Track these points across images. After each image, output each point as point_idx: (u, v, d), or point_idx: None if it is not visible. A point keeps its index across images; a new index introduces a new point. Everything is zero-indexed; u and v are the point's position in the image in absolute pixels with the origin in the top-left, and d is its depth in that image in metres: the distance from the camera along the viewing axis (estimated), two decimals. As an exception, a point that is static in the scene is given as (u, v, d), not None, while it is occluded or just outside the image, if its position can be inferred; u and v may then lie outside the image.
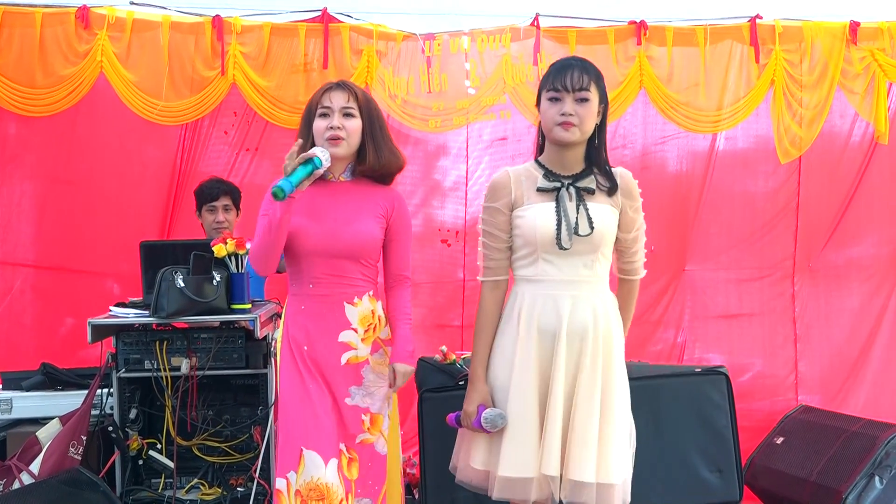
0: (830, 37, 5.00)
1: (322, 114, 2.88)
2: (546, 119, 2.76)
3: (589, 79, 2.74)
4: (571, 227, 2.72)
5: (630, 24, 4.95)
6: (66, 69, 4.65)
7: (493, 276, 2.84)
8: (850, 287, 5.22)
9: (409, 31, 4.86)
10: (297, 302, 2.94)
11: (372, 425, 2.92)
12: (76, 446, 3.53)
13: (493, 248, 2.83)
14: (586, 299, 2.75)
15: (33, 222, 4.83)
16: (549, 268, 2.75)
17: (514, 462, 2.69)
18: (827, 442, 4.04)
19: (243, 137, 4.88)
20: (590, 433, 2.67)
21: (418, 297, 5.01)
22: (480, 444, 2.79)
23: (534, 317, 2.74)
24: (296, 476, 2.78)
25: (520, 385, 2.72)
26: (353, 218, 2.90)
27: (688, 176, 5.14)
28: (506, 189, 2.81)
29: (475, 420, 2.75)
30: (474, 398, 2.79)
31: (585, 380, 2.70)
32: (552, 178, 2.79)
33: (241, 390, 3.76)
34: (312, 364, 2.88)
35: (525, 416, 2.70)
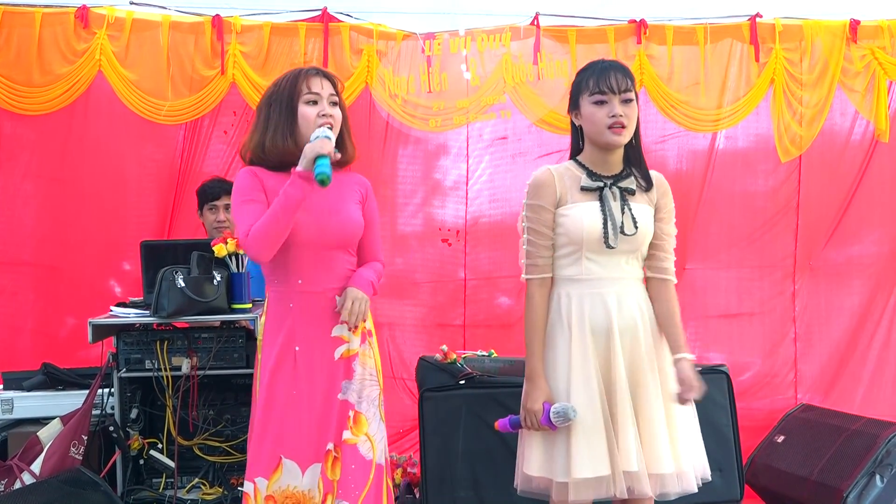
0: (831, 35, 5.00)
1: (311, 101, 2.82)
2: (594, 122, 2.76)
3: (630, 80, 2.79)
4: (617, 227, 2.76)
5: (630, 23, 4.95)
6: (63, 67, 4.65)
7: (539, 273, 2.83)
8: (850, 285, 5.22)
9: (409, 31, 4.86)
10: (282, 300, 2.86)
11: (355, 424, 2.83)
12: (77, 446, 3.53)
13: (540, 246, 2.83)
14: (630, 295, 2.80)
15: (34, 222, 4.82)
16: (594, 266, 2.78)
17: (587, 462, 2.68)
18: (828, 440, 4.04)
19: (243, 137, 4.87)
20: (660, 426, 2.71)
21: (418, 297, 5.02)
22: (534, 450, 2.79)
23: (584, 316, 2.76)
24: (267, 483, 2.77)
25: (583, 384, 2.72)
26: (338, 206, 2.87)
27: (688, 175, 5.14)
28: (550, 187, 2.81)
29: (542, 417, 2.72)
30: (537, 396, 2.76)
31: (645, 374, 2.74)
32: (595, 177, 2.82)
33: (242, 390, 3.75)
34: (304, 364, 2.82)
35: (594, 415, 2.70)
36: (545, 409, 2.72)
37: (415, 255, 5.02)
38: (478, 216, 5.06)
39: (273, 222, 2.71)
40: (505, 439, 3.38)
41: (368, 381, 2.89)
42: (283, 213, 2.70)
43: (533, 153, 5.04)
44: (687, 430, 2.81)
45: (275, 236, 2.73)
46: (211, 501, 3.61)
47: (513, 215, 5.03)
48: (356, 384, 2.86)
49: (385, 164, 4.95)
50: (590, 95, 2.77)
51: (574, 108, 2.86)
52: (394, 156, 5.00)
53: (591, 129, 2.80)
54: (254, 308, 3.67)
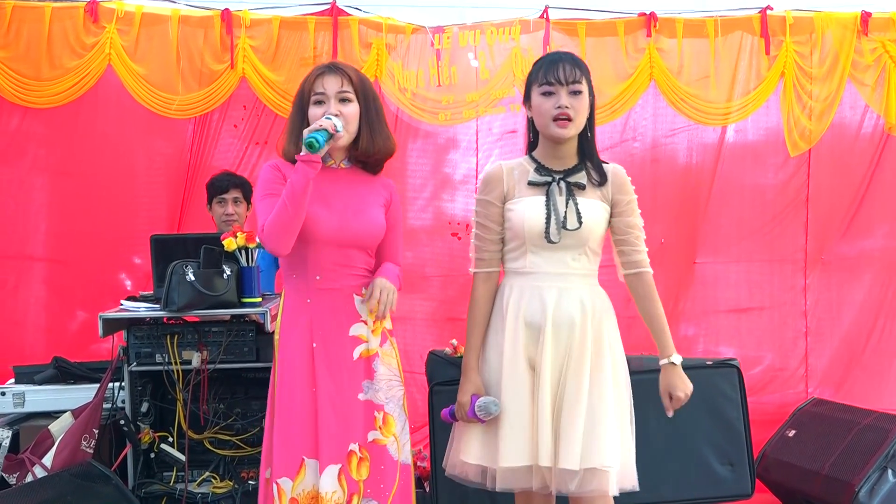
0: (841, 28, 4.98)
1: (317, 101, 2.80)
2: (541, 113, 2.78)
3: (580, 72, 2.77)
4: (560, 222, 2.76)
5: (640, 16, 4.94)
6: (72, 61, 4.65)
7: (485, 267, 2.87)
8: (861, 279, 5.20)
9: (419, 24, 4.85)
10: (299, 296, 2.84)
11: (384, 425, 2.83)
12: (88, 440, 3.54)
13: (486, 240, 2.87)
14: (573, 291, 2.79)
15: (44, 216, 4.84)
16: (538, 260, 2.79)
17: (511, 452, 2.71)
18: (839, 435, 4.03)
19: (253, 131, 4.88)
20: (576, 422, 2.69)
21: (428, 291, 5.02)
22: (473, 438, 2.81)
23: (520, 309, 2.78)
24: (292, 484, 2.74)
25: (511, 377, 2.76)
26: (362, 207, 2.85)
27: (698, 168, 5.12)
28: (498, 182, 2.85)
29: (469, 410, 2.77)
30: (468, 388, 2.80)
31: (572, 370, 2.73)
32: (544, 172, 2.83)
33: (252, 384, 3.76)
34: (323, 362, 2.79)
35: (518, 407, 2.73)
36: (472, 402, 2.77)
37: (424, 249, 5.02)
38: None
39: (282, 212, 2.68)
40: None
41: (394, 382, 2.89)
42: (291, 201, 2.67)
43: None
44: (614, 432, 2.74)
45: (286, 226, 2.69)
46: (221, 495, 3.61)
47: (522, 209, 5.01)
48: (381, 384, 2.84)
49: (394, 159, 4.80)
50: (538, 86, 2.78)
51: (527, 100, 2.86)
52: (403, 150, 4.98)
53: (538, 120, 2.81)
54: (264, 302, 3.67)
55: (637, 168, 5.09)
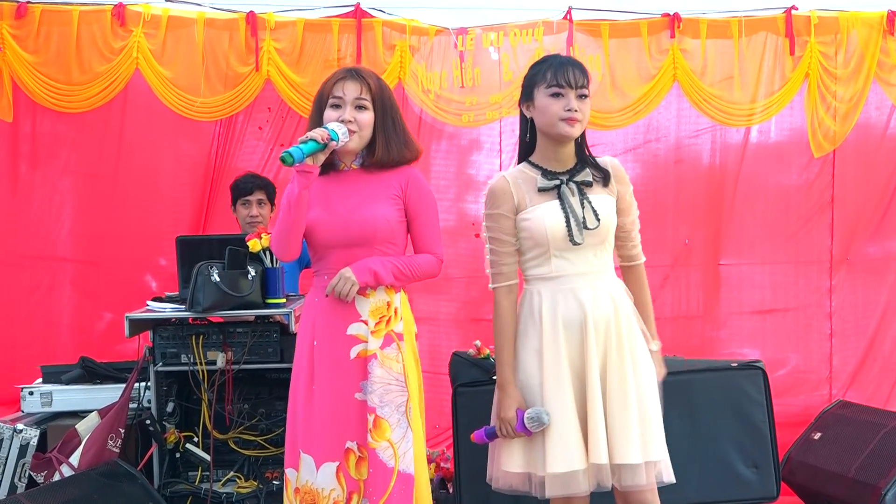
0: (867, 27, 4.94)
1: (334, 104, 2.83)
2: (549, 113, 2.77)
3: (586, 78, 2.80)
4: (580, 222, 2.76)
5: (663, 17, 4.92)
6: (101, 66, 4.71)
7: (505, 280, 2.85)
8: (887, 281, 5.16)
9: (442, 26, 4.86)
10: (313, 295, 2.93)
11: (375, 428, 2.79)
12: (114, 439, 3.57)
13: (503, 254, 2.84)
14: (603, 288, 2.80)
15: (71, 217, 4.90)
16: (563, 263, 2.79)
17: (562, 457, 2.69)
18: (865, 437, 3.99)
19: (277, 133, 4.90)
20: (630, 416, 2.70)
21: (451, 292, 5.02)
22: (515, 447, 2.79)
23: (557, 312, 2.76)
24: (296, 474, 2.83)
25: (554, 381, 2.73)
26: (362, 204, 2.86)
27: (721, 169, 5.10)
28: (507, 194, 2.82)
29: (517, 425, 2.72)
30: (509, 404, 2.76)
31: (616, 365, 2.74)
32: (550, 176, 2.82)
33: (276, 384, 3.77)
34: (321, 360, 2.83)
35: (565, 411, 2.71)
36: (518, 416, 2.72)
37: (448, 249, 4.93)
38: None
39: (281, 222, 2.80)
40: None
41: (394, 387, 2.85)
42: (287, 211, 2.77)
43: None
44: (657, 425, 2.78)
45: (285, 235, 2.81)
46: (246, 495, 3.63)
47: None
48: (377, 387, 2.81)
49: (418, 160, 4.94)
50: (546, 87, 2.78)
51: (527, 100, 2.85)
52: (427, 151, 4.97)
53: (543, 120, 2.79)
54: (288, 303, 3.69)
55: (661, 169, 5.08)
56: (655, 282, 4.88)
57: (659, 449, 2.74)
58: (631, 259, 2.95)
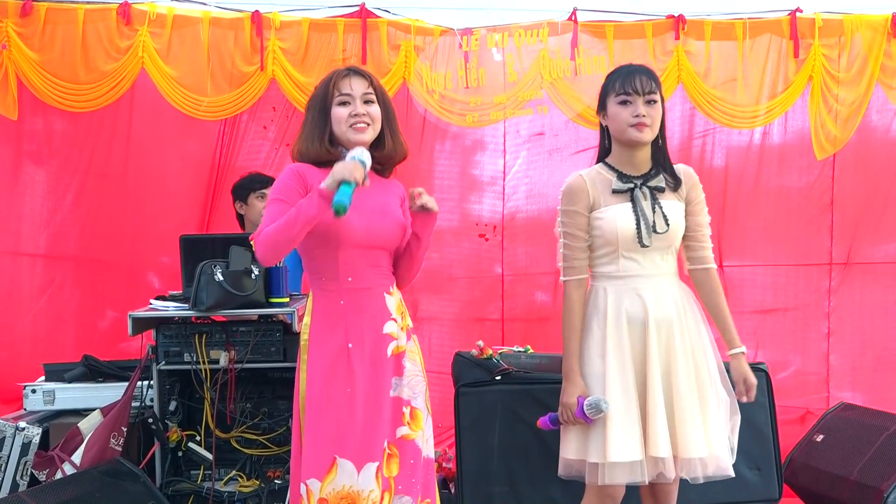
0: (871, 30, 4.95)
1: (343, 101, 2.82)
2: (619, 121, 2.90)
3: (655, 83, 2.93)
4: (650, 226, 2.89)
5: (668, 18, 4.93)
6: (107, 65, 4.71)
7: (576, 274, 2.96)
8: (887, 283, 5.17)
9: (447, 26, 4.86)
10: (331, 298, 2.82)
11: (412, 420, 2.84)
12: (117, 437, 3.58)
13: (576, 249, 2.96)
14: (666, 290, 2.92)
15: (75, 216, 4.89)
16: (631, 264, 2.91)
17: (621, 447, 2.81)
18: (868, 440, 3.99)
19: (282, 133, 4.90)
20: (691, 413, 2.84)
21: (455, 291, 5.03)
22: (571, 435, 2.92)
23: (622, 310, 2.89)
24: (320, 484, 2.71)
25: (618, 373, 2.86)
26: (385, 209, 2.86)
27: (724, 171, 5.11)
28: (583, 192, 2.94)
29: (577, 411, 2.84)
30: (572, 391, 2.89)
31: (681, 364, 2.86)
32: (625, 179, 2.94)
33: (279, 383, 3.78)
34: (358, 362, 2.77)
35: (627, 403, 2.84)
36: (579, 403, 2.85)
37: (451, 250, 5.02)
38: (514, 211, 5.06)
39: (283, 231, 2.68)
40: (541, 436, 3.38)
41: (419, 378, 2.90)
42: (295, 225, 2.66)
43: (570, 149, 5.03)
44: (718, 418, 2.93)
45: (281, 245, 2.71)
46: (248, 494, 3.64)
47: (550, 211, 5.01)
48: (407, 380, 2.85)
49: (422, 160, 4.96)
50: (616, 96, 2.92)
51: (602, 110, 2.99)
52: (431, 151, 5.01)
53: (615, 127, 2.93)
54: (291, 302, 3.70)
55: (664, 170, 5.07)
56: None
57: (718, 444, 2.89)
58: (701, 261, 3.03)
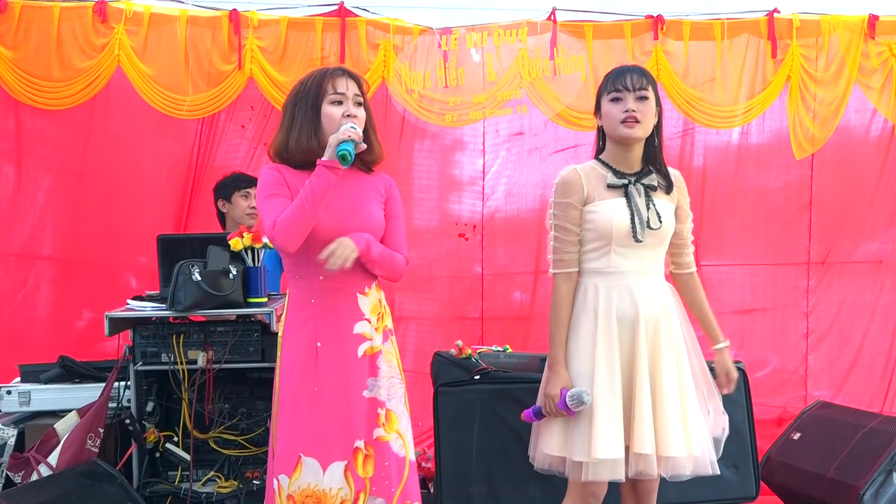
0: (848, 31, 4.98)
1: (336, 101, 2.83)
2: (610, 118, 2.93)
3: (647, 80, 2.95)
4: (644, 221, 2.90)
5: (647, 18, 4.95)
6: (82, 62, 4.67)
7: (566, 268, 2.98)
8: (865, 282, 5.22)
9: (426, 26, 4.86)
10: (304, 296, 2.86)
11: (387, 421, 2.84)
12: (93, 439, 3.55)
13: (567, 242, 2.97)
14: (655, 288, 2.96)
15: (51, 215, 4.86)
16: (621, 260, 2.92)
17: (608, 444, 2.83)
18: (844, 438, 4.02)
19: (260, 132, 4.89)
20: (675, 411, 2.88)
21: (434, 291, 5.03)
22: (555, 431, 2.93)
23: (611, 307, 2.91)
24: (288, 481, 2.77)
25: (606, 371, 2.87)
26: (359, 206, 2.87)
27: (703, 171, 5.14)
28: (577, 185, 2.95)
29: (559, 402, 2.86)
30: (556, 382, 2.90)
31: (665, 363, 2.89)
32: (619, 175, 2.96)
33: (258, 384, 3.76)
34: (326, 360, 2.80)
35: (615, 401, 2.86)
36: (562, 395, 2.87)
37: (431, 249, 5.03)
38: (494, 211, 5.07)
39: (300, 211, 2.72)
40: (519, 434, 3.39)
41: (396, 380, 2.91)
42: (310, 202, 2.71)
43: (549, 148, 5.04)
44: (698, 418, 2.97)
45: (301, 226, 2.73)
46: (226, 494, 3.62)
47: (528, 210, 5.03)
48: (383, 381, 2.86)
49: (401, 159, 4.96)
50: (608, 94, 2.95)
51: (598, 110, 3.02)
52: (410, 151, 5.00)
53: (608, 125, 2.96)
54: (269, 302, 3.68)
55: (642, 170, 5.09)
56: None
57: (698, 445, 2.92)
58: (686, 266, 3.11)
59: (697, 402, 2.98)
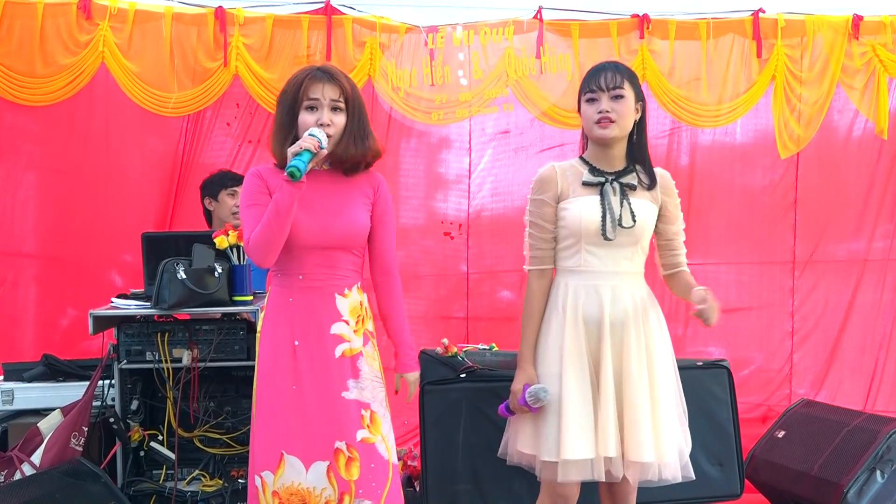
0: (832, 31, 5.00)
1: (310, 107, 2.79)
2: (586, 119, 2.93)
3: (622, 77, 2.91)
4: (616, 220, 2.89)
5: (633, 18, 4.95)
6: (66, 59, 4.63)
7: (539, 265, 2.99)
8: (849, 281, 5.24)
9: (412, 24, 4.85)
10: (283, 295, 2.87)
11: (372, 423, 2.83)
12: (77, 437, 3.53)
13: (540, 239, 2.98)
14: (625, 290, 2.92)
15: (35, 213, 4.83)
16: (592, 259, 2.92)
17: (575, 445, 2.82)
18: (828, 436, 4.04)
19: (246, 129, 4.88)
20: (643, 416, 2.83)
21: (420, 290, 5.03)
22: (527, 430, 2.94)
23: (578, 307, 2.90)
24: (273, 477, 2.78)
25: (573, 371, 2.86)
26: (342, 208, 2.85)
27: (688, 170, 5.15)
28: (552, 182, 2.95)
29: (520, 398, 2.88)
30: (521, 378, 2.93)
31: (633, 366, 2.86)
32: (597, 173, 2.94)
33: (243, 382, 3.74)
34: (304, 359, 2.80)
35: (582, 402, 2.85)
36: (523, 391, 2.88)
37: (417, 248, 5.03)
38: (480, 210, 5.07)
39: (266, 230, 2.72)
40: (505, 432, 3.39)
41: (377, 383, 2.89)
42: (275, 219, 2.71)
43: (535, 147, 5.05)
44: (672, 423, 2.93)
45: (270, 243, 2.75)
46: (211, 493, 3.61)
47: (515, 209, 5.03)
48: (367, 383, 2.85)
49: (387, 158, 4.87)
50: (584, 94, 2.95)
51: (579, 111, 3.01)
52: (396, 149, 5.00)
53: (585, 125, 2.97)
54: (255, 300, 3.68)
55: (628, 169, 5.11)
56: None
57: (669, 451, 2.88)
58: (676, 266, 3.08)
59: (674, 406, 2.95)
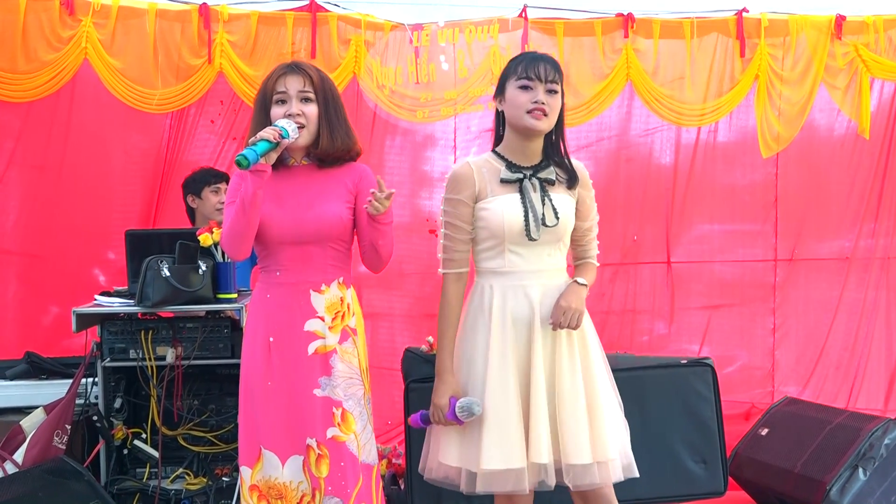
0: (816, 31, 5.03)
1: (279, 100, 2.81)
2: (516, 105, 2.76)
3: (557, 73, 2.79)
4: (539, 219, 2.76)
5: (617, 17, 4.96)
6: (49, 55, 4.60)
7: (456, 268, 2.86)
8: (830, 279, 5.28)
9: (398, 21, 4.85)
10: (262, 291, 2.89)
11: (343, 421, 2.80)
12: (60, 435, 3.51)
13: (457, 240, 2.84)
14: (554, 287, 2.81)
15: (17, 209, 4.79)
16: (517, 259, 2.79)
17: (495, 455, 2.70)
18: (811, 433, 4.06)
19: (230, 126, 4.86)
20: (579, 416, 2.72)
21: (405, 288, 5.02)
22: (452, 439, 2.81)
23: (507, 308, 2.78)
24: (250, 472, 2.83)
25: (498, 376, 2.74)
26: (315, 201, 2.84)
27: (671, 168, 5.17)
28: (469, 181, 2.81)
29: (448, 412, 2.75)
30: (444, 391, 2.79)
31: (565, 365, 2.76)
32: (514, 169, 2.82)
33: (227, 380, 3.73)
34: (277, 356, 2.82)
35: (507, 408, 2.72)
36: (451, 404, 2.75)
37: (402, 245, 4.98)
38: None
39: (234, 223, 2.76)
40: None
41: (355, 380, 2.87)
42: (241, 212, 2.73)
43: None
44: (614, 419, 2.83)
45: (238, 236, 2.77)
46: (195, 491, 3.60)
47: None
48: (339, 381, 2.83)
49: (372, 155, 4.94)
50: (516, 80, 2.77)
51: (500, 94, 2.84)
52: (381, 146, 4.99)
53: (512, 112, 2.79)
54: (239, 298, 3.66)
55: (611, 167, 5.13)
56: (605, 277, 4.95)
57: (611, 449, 2.76)
58: (585, 257, 2.97)
59: (613, 400, 2.85)
